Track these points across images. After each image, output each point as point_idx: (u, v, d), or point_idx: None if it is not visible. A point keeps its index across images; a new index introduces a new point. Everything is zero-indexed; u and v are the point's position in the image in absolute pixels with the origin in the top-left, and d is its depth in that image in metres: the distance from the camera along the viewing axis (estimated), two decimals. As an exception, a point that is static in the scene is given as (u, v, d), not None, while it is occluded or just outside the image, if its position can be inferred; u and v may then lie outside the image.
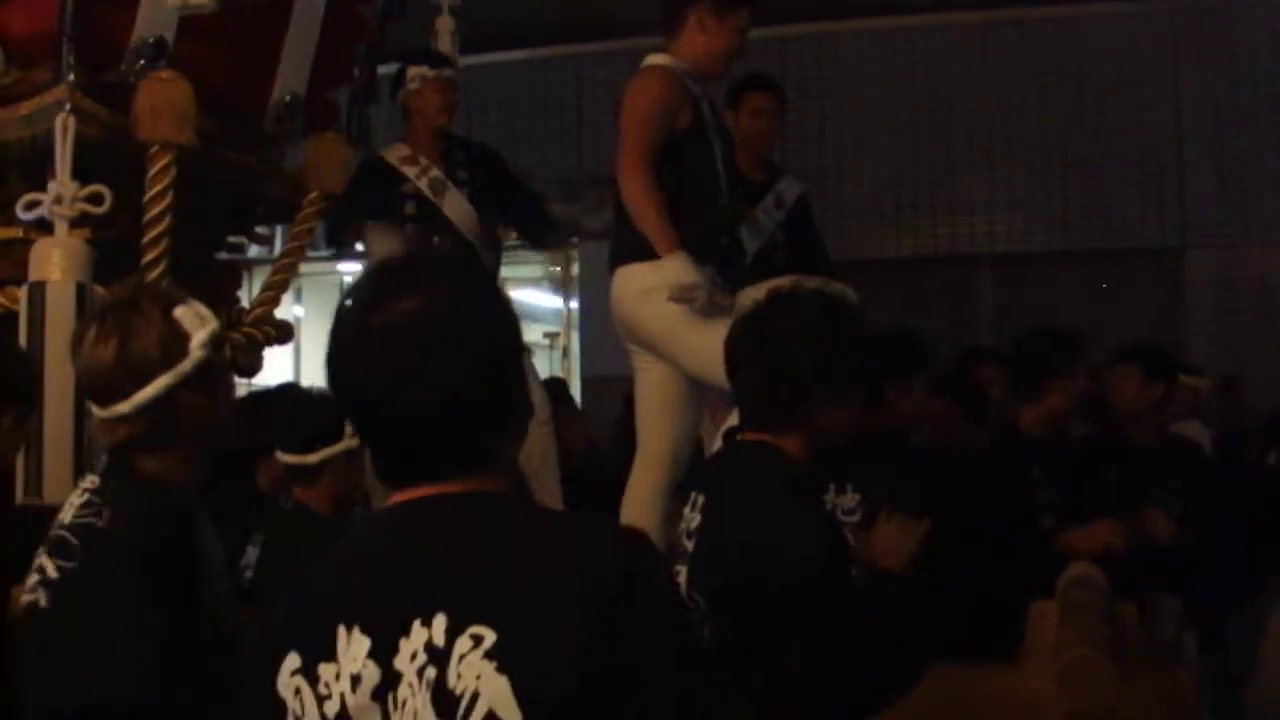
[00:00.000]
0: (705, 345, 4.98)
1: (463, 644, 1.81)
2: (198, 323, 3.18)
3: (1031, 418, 5.77)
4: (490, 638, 1.79)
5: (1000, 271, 12.06)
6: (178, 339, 3.16)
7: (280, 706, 1.96)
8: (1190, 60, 11.58)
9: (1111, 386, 6.51)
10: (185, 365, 3.14)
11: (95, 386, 3.21)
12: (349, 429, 4.76)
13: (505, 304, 2.11)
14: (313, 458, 4.89)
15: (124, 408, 3.14)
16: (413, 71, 6.86)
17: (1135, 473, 6.14)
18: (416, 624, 1.85)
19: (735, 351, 3.76)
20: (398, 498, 2.02)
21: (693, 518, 3.62)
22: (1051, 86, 11.79)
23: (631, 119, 5.38)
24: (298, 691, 1.94)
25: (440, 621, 1.83)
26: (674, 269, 5.18)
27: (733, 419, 4.85)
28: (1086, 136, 11.76)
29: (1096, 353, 6.64)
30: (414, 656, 1.84)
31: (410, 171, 6.74)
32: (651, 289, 5.25)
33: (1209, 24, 11.59)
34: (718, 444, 5.06)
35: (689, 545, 3.58)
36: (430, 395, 1.98)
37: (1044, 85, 11.80)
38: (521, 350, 2.12)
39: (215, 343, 3.20)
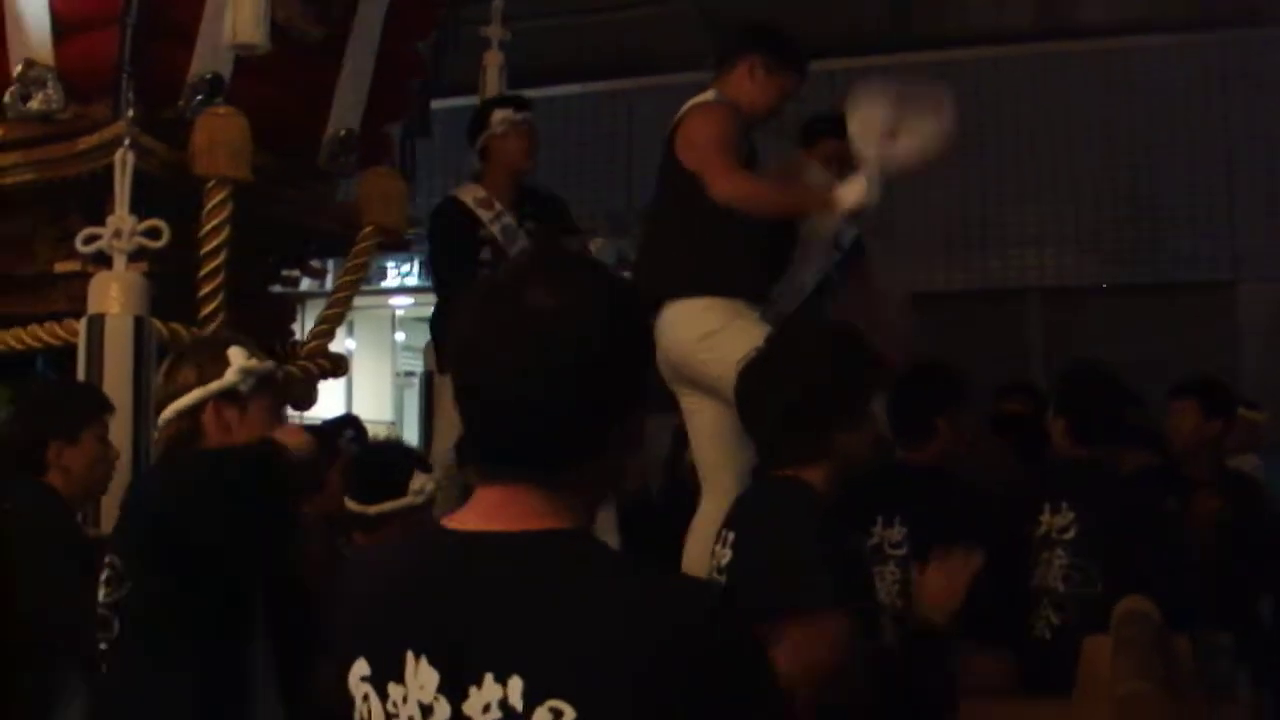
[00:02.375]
0: None
1: (542, 715, 1.79)
2: (240, 356, 3.62)
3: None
4: (570, 714, 1.78)
5: (1051, 305, 12.01)
6: (220, 368, 3.73)
7: (349, 700, 1.98)
8: (1239, 91, 11.52)
9: (1169, 421, 6.47)
10: (214, 385, 3.63)
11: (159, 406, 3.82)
12: (413, 485, 4.81)
13: (633, 319, 2.06)
14: (371, 509, 4.90)
15: (166, 413, 3.77)
16: (498, 115, 6.77)
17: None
18: (489, 677, 1.84)
19: (746, 393, 3.77)
20: (476, 519, 2.01)
21: (724, 554, 3.62)
22: (1101, 120, 11.77)
23: (709, 140, 5.37)
24: (366, 698, 1.96)
25: (517, 685, 1.82)
26: (852, 199, 5.13)
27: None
28: (1137, 169, 11.73)
29: (1152, 386, 6.63)
30: (487, 709, 1.84)
31: (485, 215, 6.67)
32: (712, 332, 5.24)
33: (1257, 55, 11.54)
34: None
35: (721, 580, 3.59)
36: (524, 388, 1.94)
37: (1093, 119, 11.77)
38: (637, 376, 2.04)
39: (255, 374, 3.68)
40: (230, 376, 3.72)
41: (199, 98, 5.61)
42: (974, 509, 5.12)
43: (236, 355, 3.77)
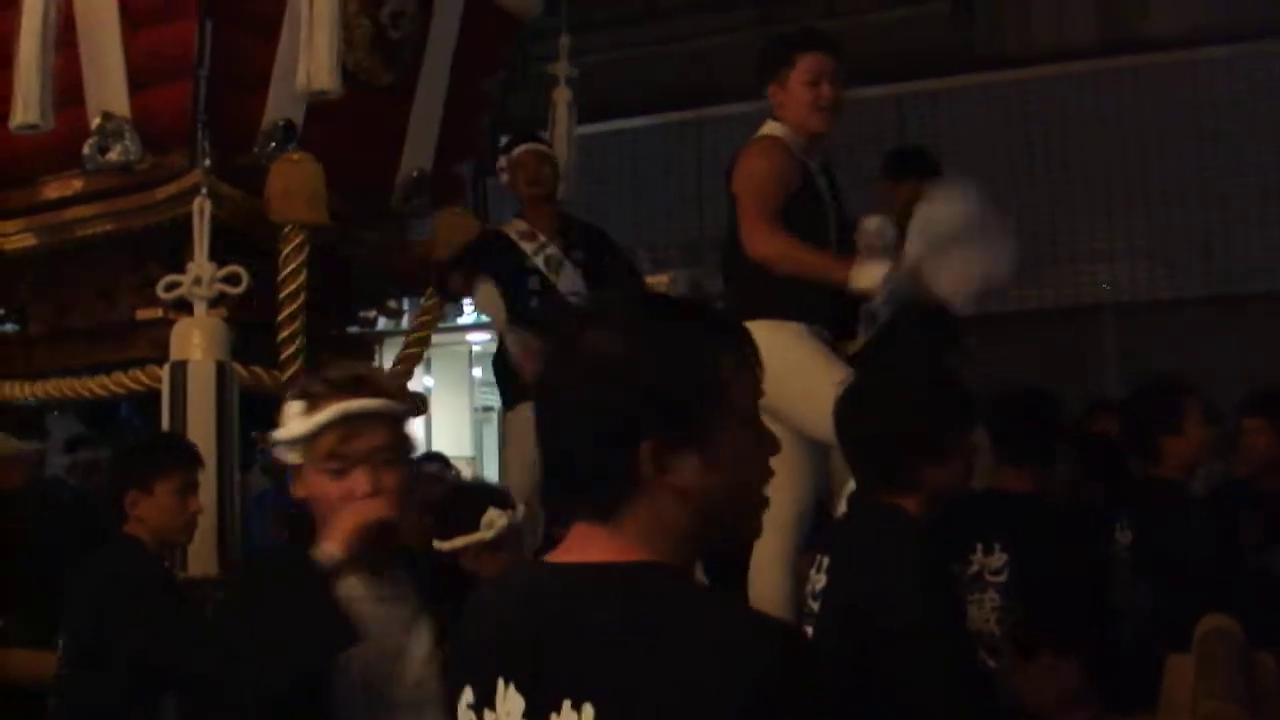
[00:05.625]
0: (810, 399, 5.00)
1: None
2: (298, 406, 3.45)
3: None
4: None
5: (1123, 320, 11.97)
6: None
7: None
8: (1307, 99, 11.50)
9: (1242, 437, 6.42)
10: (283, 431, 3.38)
11: None
12: (485, 521, 4.86)
13: (665, 352, 2.03)
14: (445, 545, 4.96)
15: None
16: (501, 160, 6.98)
17: (1266, 521, 6.06)
18: (567, 704, 1.88)
19: (842, 420, 3.80)
20: (563, 553, 2.07)
21: (818, 579, 3.64)
22: (1169, 132, 11.73)
23: (746, 189, 5.40)
24: None
25: (589, 712, 1.86)
26: (865, 284, 5.15)
27: (853, 483, 4.88)
28: (1206, 180, 11.68)
29: (1224, 398, 6.60)
30: None
31: (529, 247, 6.83)
32: (765, 348, 5.27)
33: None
34: (842, 506, 5.04)
35: (814, 605, 3.62)
36: (560, 423, 2.01)
37: (1161, 131, 11.73)
38: (672, 408, 2.00)
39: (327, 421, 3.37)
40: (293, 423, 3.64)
41: (273, 144, 5.69)
42: (1073, 536, 5.07)
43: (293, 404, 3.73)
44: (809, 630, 3.58)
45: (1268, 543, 5.92)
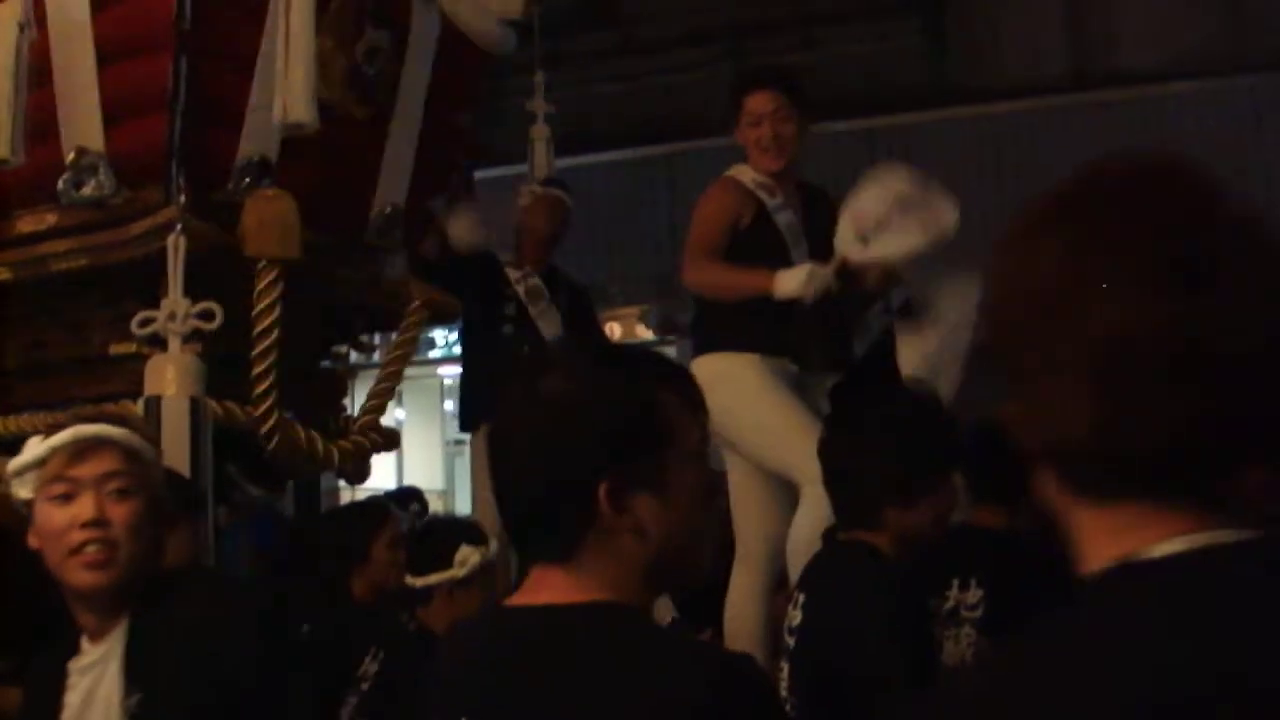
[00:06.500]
0: (760, 431, 5.03)
1: None
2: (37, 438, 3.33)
3: None
4: None
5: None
6: None
7: None
8: (1275, 131, 11.54)
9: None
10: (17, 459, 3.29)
11: None
12: (457, 558, 4.88)
13: (615, 394, 2.11)
14: (418, 581, 5.00)
15: None
16: (524, 190, 7.12)
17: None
18: None
19: (822, 453, 3.82)
20: (525, 591, 2.10)
21: (795, 615, 3.66)
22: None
23: (693, 228, 5.51)
24: None
25: None
26: (789, 288, 5.20)
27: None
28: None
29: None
30: None
31: (513, 275, 6.95)
32: (714, 380, 5.27)
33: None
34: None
35: (790, 642, 3.64)
36: (514, 469, 2.10)
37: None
38: (619, 448, 2.07)
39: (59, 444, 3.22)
40: None
41: (247, 180, 5.68)
42: (1048, 572, 5.01)
43: None
44: (785, 666, 3.59)
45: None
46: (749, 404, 5.30)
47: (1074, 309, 1.35)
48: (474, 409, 7.33)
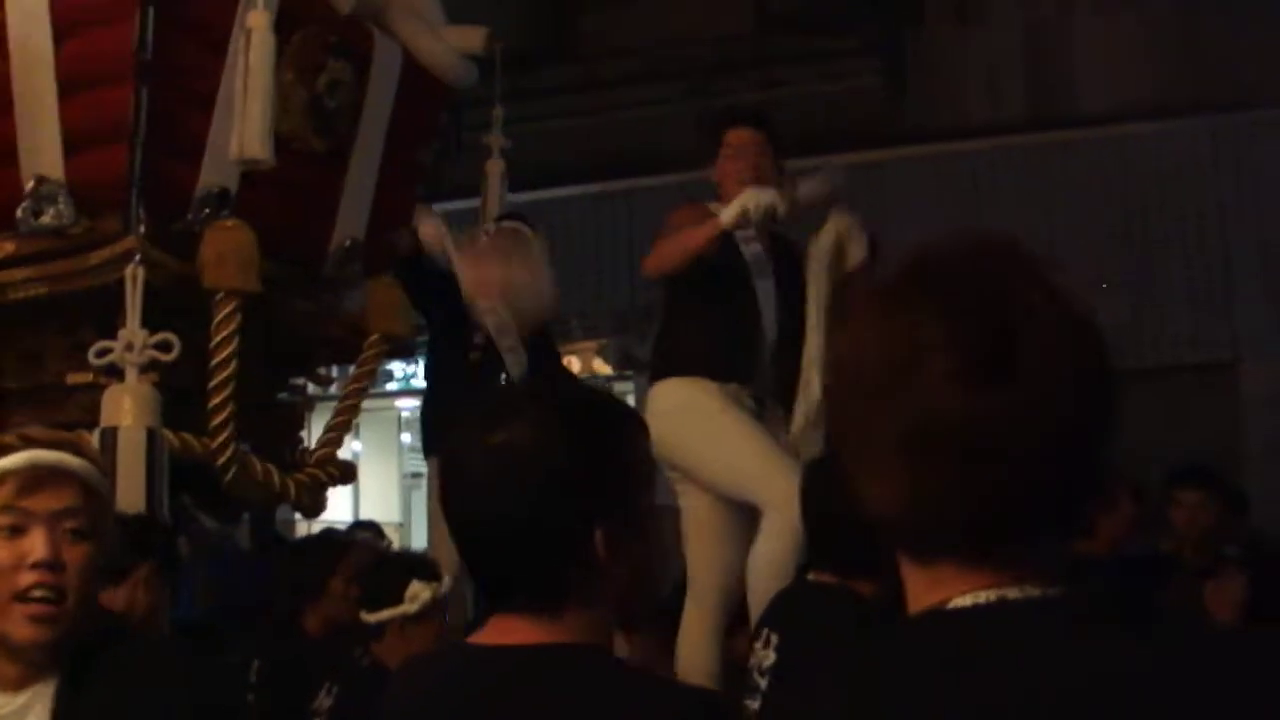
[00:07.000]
0: (712, 458, 5.02)
1: None
2: None
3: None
4: None
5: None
6: None
7: None
8: (1232, 172, 11.60)
9: (1171, 510, 6.45)
10: None
11: None
12: (408, 593, 4.89)
13: (600, 443, 2.11)
14: (370, 617, 5.01)
15: None
16: (484, 227, 7.12)
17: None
18: None
19: (806, 493, 3.80)
20: (489, 634, 2.10)
21: (765, 655, 3.64)
22: (1099, 206, 11.82)
23: (659, 236, 5.53)
24: None
25: None
26: (731, 212, 5.24)
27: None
28: (1133, 254, 11.75)
29: (1153, 469, 6.64)
30: None
31: (482, 305, 6.90)
32: (670, 410, 5.27)
33: (1248, 137, 11.61)
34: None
35: (762, 682, 3.61)
36: (498, 522, 2.07)
37: (1092, 205, 11.82)
38: (597, 496, 2.08)
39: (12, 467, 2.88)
40: None
41: (206, 211, 5.67)
42: None
43: None
44: (752, 704, 3.58)
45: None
46: (709, 428, 5.31)
47: (889, 396, 1.53)
48: (438, 436, 7.31)
